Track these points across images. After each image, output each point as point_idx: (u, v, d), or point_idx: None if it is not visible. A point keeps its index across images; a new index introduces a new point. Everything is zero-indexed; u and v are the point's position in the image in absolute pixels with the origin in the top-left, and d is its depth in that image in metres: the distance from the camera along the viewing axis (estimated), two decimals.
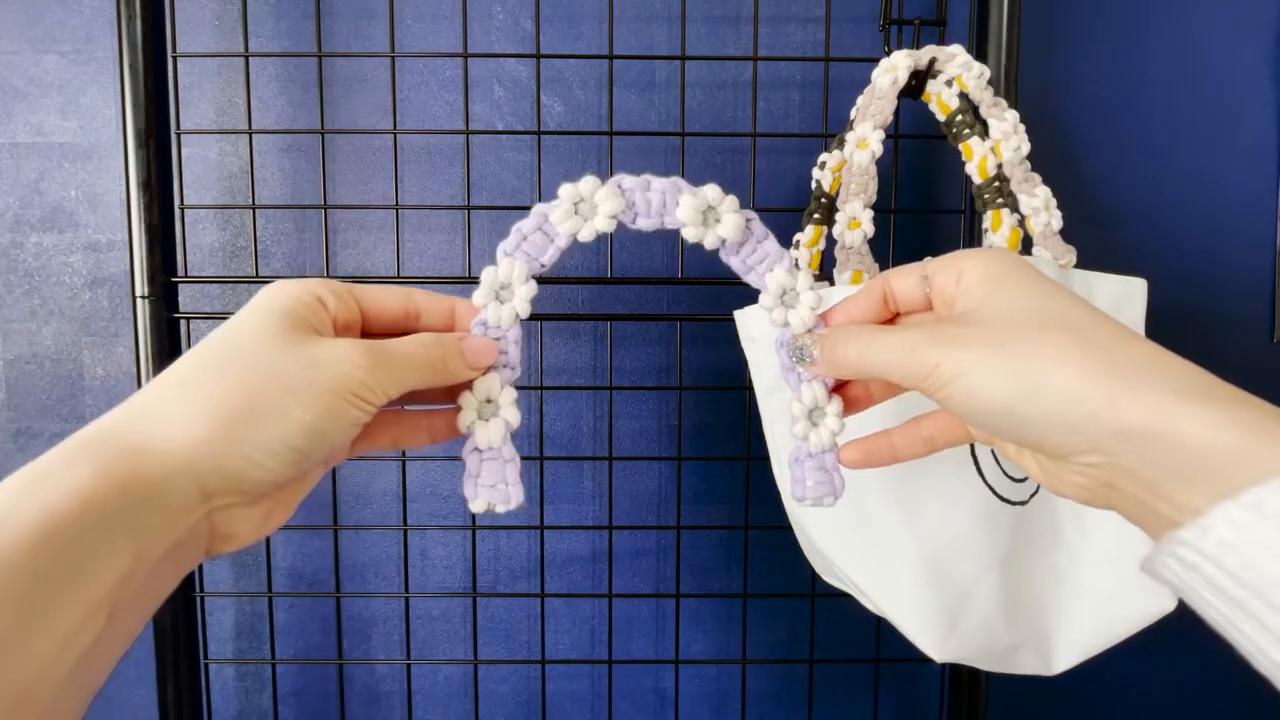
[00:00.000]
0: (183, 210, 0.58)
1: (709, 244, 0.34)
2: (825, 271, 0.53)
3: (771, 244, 0.36)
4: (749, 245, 0.35)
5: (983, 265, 0.30)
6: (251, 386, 0.27)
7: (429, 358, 0.31)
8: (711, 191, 0.34)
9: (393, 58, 0.58)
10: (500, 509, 0.33)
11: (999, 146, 0.52)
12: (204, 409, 0.26)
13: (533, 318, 0.60)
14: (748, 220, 0.35)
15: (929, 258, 0.33)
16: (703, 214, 0.34)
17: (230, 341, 0.29)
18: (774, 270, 0.35)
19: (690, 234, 0.34)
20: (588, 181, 0.33)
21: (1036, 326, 0.28)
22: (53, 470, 0.24)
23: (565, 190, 0.33)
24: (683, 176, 0.61)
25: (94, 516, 0.23)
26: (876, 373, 0.31)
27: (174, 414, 0.26)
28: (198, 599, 0.59)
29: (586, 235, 0.33)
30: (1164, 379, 0.26)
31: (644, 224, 0.34)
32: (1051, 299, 0.29)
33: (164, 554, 0.25)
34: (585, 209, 0.33)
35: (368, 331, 0.33)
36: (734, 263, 0.35)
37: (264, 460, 0.27)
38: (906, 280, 0.33)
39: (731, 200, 0.35)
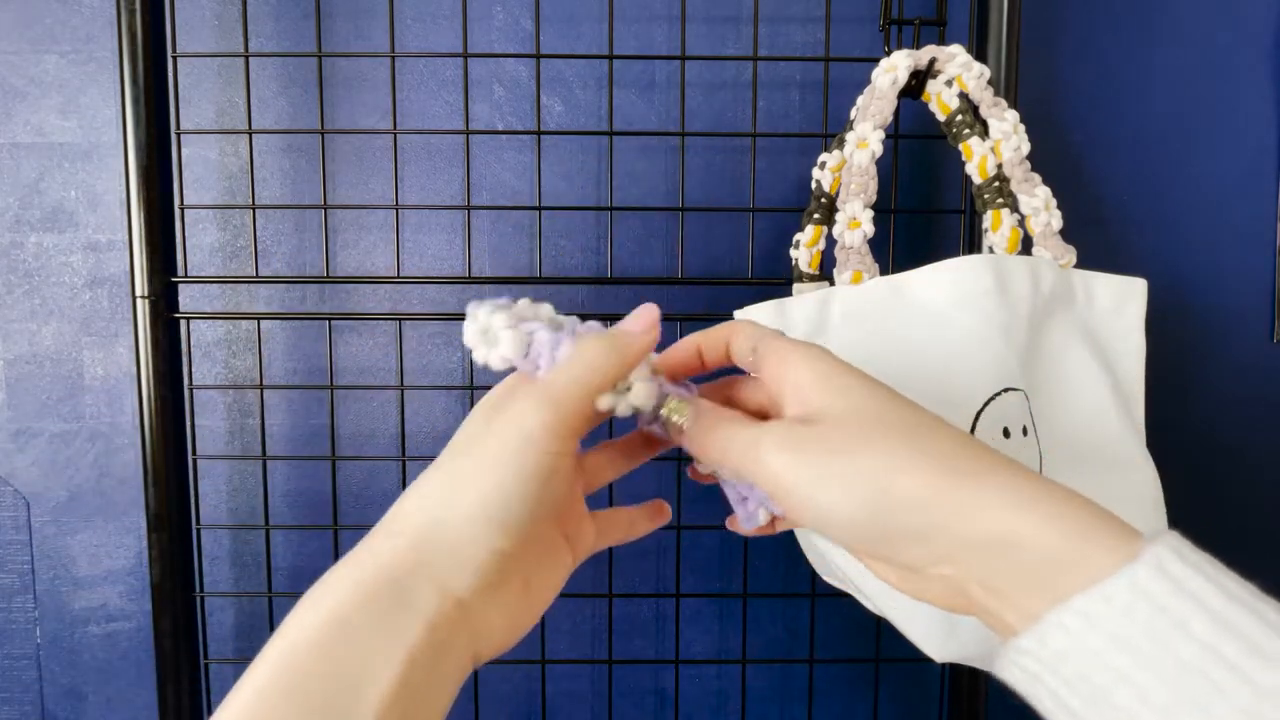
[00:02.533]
0: (183, 210, 0.58)
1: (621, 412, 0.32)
2: (825, 271, 0.53)
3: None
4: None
5: (809, 366, 0.29)
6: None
7: (598, 363, 0.30)
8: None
9: (393, 58, 0.58)
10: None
11: (999, 146, 0.52)
12: (477, 569, 0.28)
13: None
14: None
15: (764, 337, 0.32)
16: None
17: (519, 509, 0.29)
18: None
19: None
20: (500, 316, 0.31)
21: (876, 432, 0.27)
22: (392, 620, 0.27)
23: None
24: (683, 176, 0.61)
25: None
26: (730, 466, 0.30)
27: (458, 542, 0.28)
28: (198, 599, 0.59)
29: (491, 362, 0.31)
30: (1005, 486, 0.26)
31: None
32: (883, 402, 0.28)
33: (430, 656, 0.27)
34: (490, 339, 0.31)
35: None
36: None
37: (520, 551, 0.29)
38: (743, 343, 0.32)
39: (640, 368, 0.32)
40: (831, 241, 0.52)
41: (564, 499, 0.32)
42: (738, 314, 0.51)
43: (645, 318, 0.32)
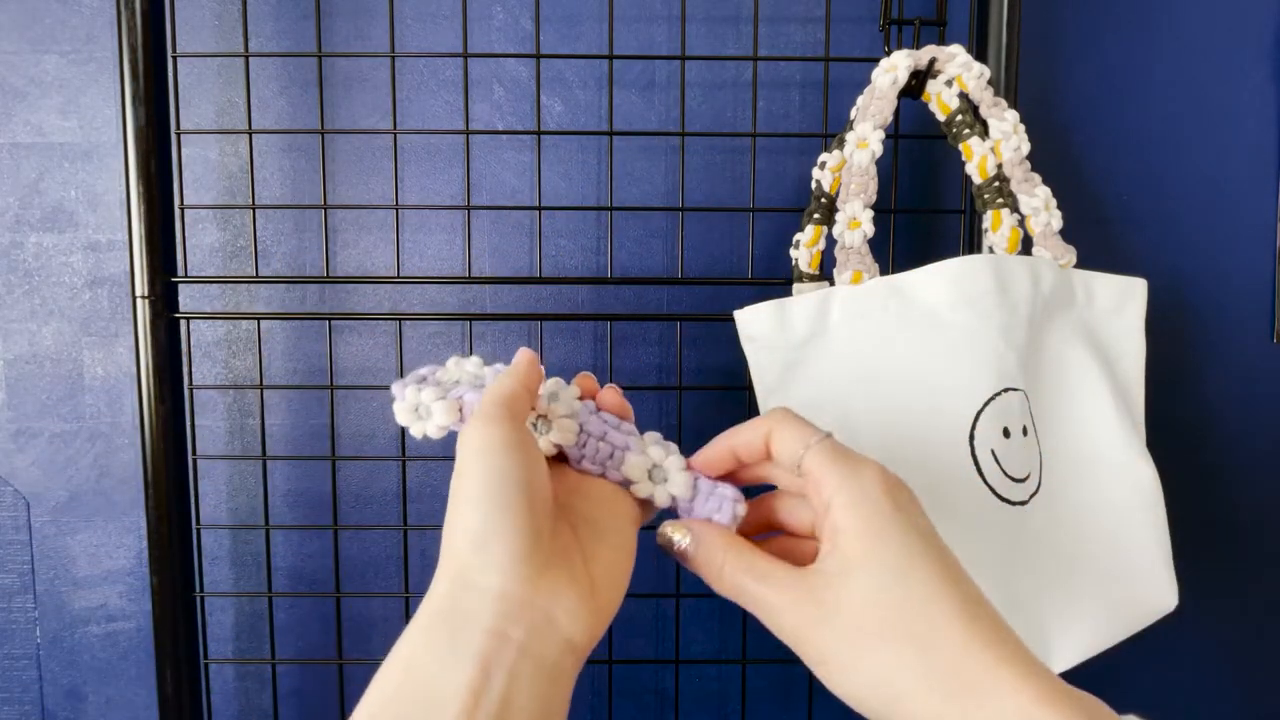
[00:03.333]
0: (183, 210, 0.58)
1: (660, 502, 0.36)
2: (825, 271, 0.53)
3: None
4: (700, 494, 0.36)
5: (848, 512, 0.31)
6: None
7: (504, 382, 0.34)
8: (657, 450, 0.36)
9: (393, 58, 0.58)
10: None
11: (999, 146, 0.52)
12: (500, 560, 0.30)
13: (533, 318, 0.60)
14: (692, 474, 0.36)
15: (823, 438, 0.33)
16: (648, 471, 0.36)
17: (509, 489, 0.31)
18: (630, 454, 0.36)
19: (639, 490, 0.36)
20: (558, 405, 0.35)
21: (890, 629, 0.29)
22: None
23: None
24: (683, 176, 0.61)
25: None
26: (745, 608, 0.33)
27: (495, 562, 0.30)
28: (198, 599, 0.59)
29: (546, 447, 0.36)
30: (997, 696, 0.27)
31: (590, 469, 0.36)
32: (907, 580, 0.29)
33: (506, 657, 0.28)
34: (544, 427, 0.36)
35: None
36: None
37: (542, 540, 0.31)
38: (787, 447, 0.34)
39: (675, 459, 0.36)
40: (831, 241, 0.52)
41: (548, 478, 0.33)
42: (738, 314, 0.51)
43: (522, 355, 0.36)
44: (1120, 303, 0.55)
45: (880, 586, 0.29)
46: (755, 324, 0.50)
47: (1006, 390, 0.47)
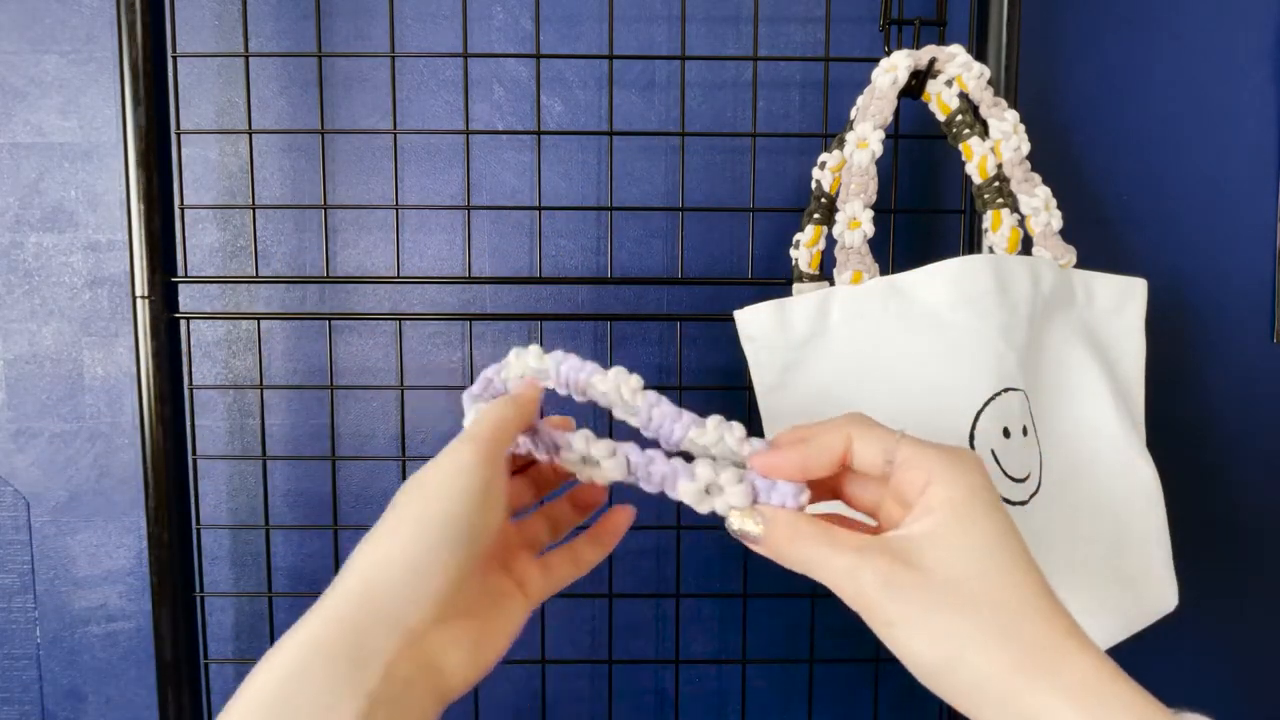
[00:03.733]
0: (183, 210, 0.58)
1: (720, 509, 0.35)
2: (825, 271, 0.53)
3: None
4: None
5: (949, 488, 0.31)
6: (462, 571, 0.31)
7: (506, 414, 0.35)
8: (705, 470, 0.35)
9: (393, 58, 0.58)
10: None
11: (999, 146, 0.52)
12: (430, 596, 0.30)
13: (533, 318, 0.60)
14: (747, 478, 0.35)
15: (902, 434, 0.33)
16: (705, 489, 0.35)
17: (464, 526, 0.31)
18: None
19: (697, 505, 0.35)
20: (600, 445, 0.36)
21: (971, 594, 0.29)
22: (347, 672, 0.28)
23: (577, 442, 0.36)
24: (683, 176, 0.61)
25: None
26: (818, 579, 0.32)
27: (414, 580, 0.30)
28: (198, 599, 0.59)
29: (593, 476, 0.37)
30: (1065, 673, 0.28)
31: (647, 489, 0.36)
32: (997, 554, 0.30)
33: (393, 694, 0.28)
34: (590, 464, 0.36)
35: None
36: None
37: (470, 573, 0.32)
38: (871, 450, 0.33)
39: (730, 474, 0.35)
40: (831, 241, 0.52)
41: (501, 531, 0.34)
42: (738, 314, 0.51)
43: (526, 383, 0.38)
44: (1120, 303, 0.55)
45: (974, 555, 0.30)
46: (755, 324, 0.50)
47: (1006, 390, 0.47)
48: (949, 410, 0.47)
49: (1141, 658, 0.67)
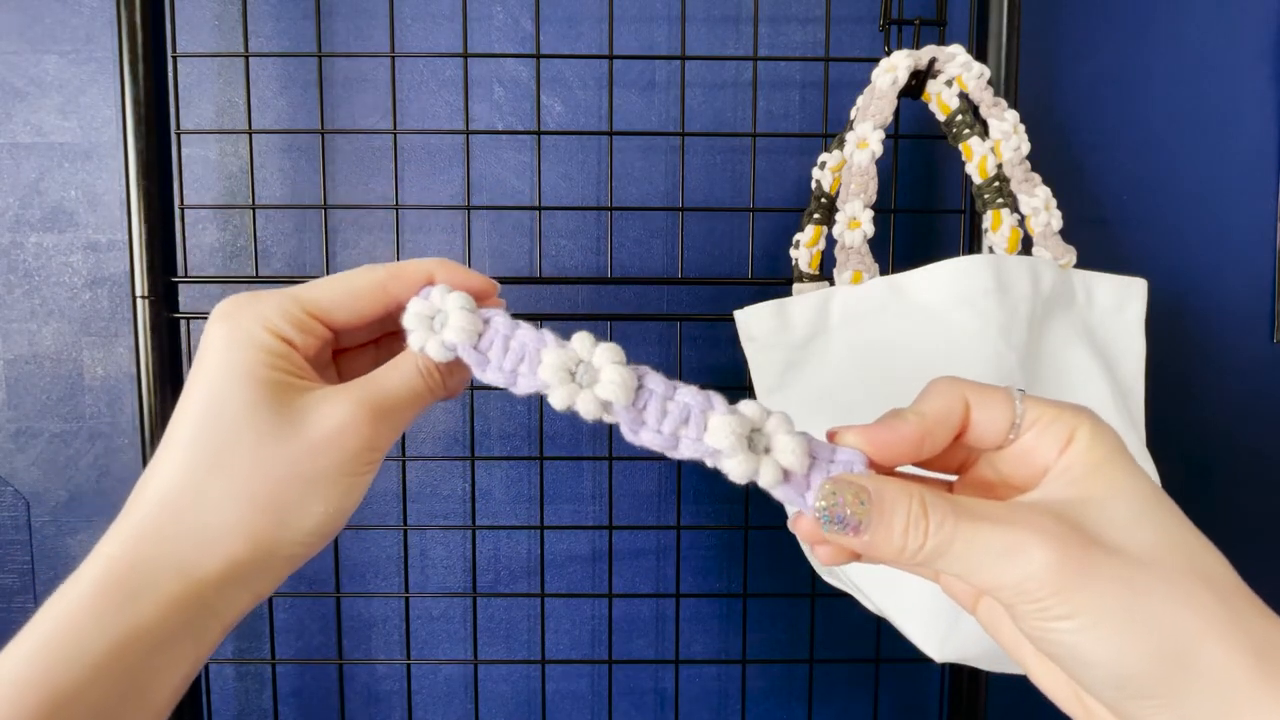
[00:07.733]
0: (183, 210, 0.58)
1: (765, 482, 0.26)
2: (825, 271, 0.53)
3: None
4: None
5: (1104, 446, 0.24)
6: (272, 495, 0.27)
7: (425, 392, 0.30)
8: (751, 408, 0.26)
9: (393, 58, 0.58)
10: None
11: (999, 146, 0.52)
12: (236, 528, 0.27)
13: (533, 317, 0.60)
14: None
15: (1020, 392, 0.26)
16: (747, 438, 0.25)
17: (227, 433, 0.27)
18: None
19: (735, 469, 0.25)
20: (600, 350, 0.27)
21: (1177, 569, 0.23)
22: (118, 604, 0.25)
23: (557, 356, 0.27)
24: (683, 176, 0.61)
25: (164, 640, 0.26)
26: (952, 571, 0.24)
27: (209, 536, 0.27)
28: None
29: (582, 407, 0.27)
30: None
31: (649, 439, 0.26)
32: (1183, 522, 0.24)
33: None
34: (584, 377, 0.27)
35: (341, 346, 0.33)
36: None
37: (301, 552, 0.28)
38: (993, 414, 0.26)
39: (779, 418, 0.26)
40: (831, 241, 0.52)
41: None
42: (738, 314, 0.51)
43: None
44: (1120, 303, 0.55)
45: (1164, 526, 0.24)
46: (755, 324, 0.50)
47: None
48: None
49: None
